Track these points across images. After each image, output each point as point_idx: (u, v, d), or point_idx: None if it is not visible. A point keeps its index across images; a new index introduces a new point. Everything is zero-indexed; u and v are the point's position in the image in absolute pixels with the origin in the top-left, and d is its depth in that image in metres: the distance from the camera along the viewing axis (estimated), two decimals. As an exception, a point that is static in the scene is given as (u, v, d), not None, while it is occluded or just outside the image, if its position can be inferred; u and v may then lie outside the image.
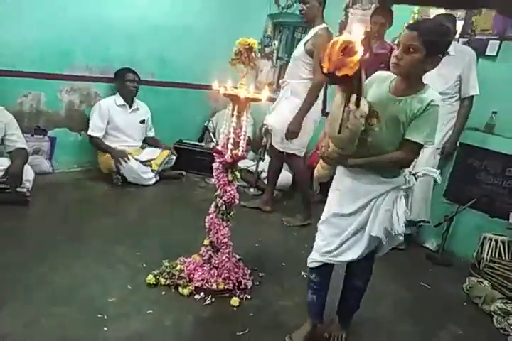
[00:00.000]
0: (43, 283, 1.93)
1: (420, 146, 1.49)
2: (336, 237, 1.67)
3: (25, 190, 2.66)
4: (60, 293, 1.88)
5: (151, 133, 3.70)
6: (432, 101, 1.43)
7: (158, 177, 3.47)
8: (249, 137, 3.75)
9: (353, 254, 1.65)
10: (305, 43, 2.82)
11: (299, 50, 2.85)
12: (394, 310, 2.21)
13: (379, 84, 1.53)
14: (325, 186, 3.59)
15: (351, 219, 1.63)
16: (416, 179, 1.62)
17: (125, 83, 3.37)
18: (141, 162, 3.34)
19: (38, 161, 3.17)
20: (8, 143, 2.73)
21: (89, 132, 3.31)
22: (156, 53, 3.67)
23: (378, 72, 1.62)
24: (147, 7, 3.46)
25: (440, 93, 2.64)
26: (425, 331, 2.07)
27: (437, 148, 2.84)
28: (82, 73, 3.30)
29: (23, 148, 2.76)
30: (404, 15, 3.59)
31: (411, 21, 4.83)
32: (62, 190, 3.02)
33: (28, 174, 2.69)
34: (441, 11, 3.02)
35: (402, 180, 1.58)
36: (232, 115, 1.95)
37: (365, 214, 1.59)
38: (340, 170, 1.68)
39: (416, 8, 4.59)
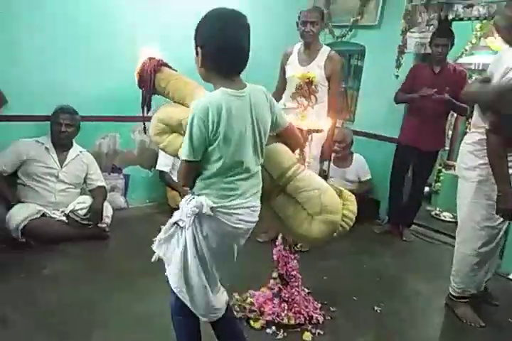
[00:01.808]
0: (124, 311, 2.04)
1: None
2: None
3: (105, 225, 2.86)
4: (139, 321, 1.97)
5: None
6: None
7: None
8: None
9: None
10: (324, 68, 2.79)
11: (317, 74, 2.65)
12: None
13: None
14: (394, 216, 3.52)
15: None
16: None
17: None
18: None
19: (114, 197, 3.41)
20: (89, 181, 2.98)
21: (158, 167, 3.49)
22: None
23: None
24: None
25: None
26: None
27: None
28: (152, 114, 3.55)
29: (103, 186, 3.00)
30: (465, 34, 3.54)
31: (473, 40, 4.75)
32: (137, 224, 3.20)
33: (108, 210, 2.90)
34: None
35: None
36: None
37: None
38: None
39: (477, 25, 4.51)
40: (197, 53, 1.31)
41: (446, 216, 4.15)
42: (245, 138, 1.30)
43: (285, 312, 2.05)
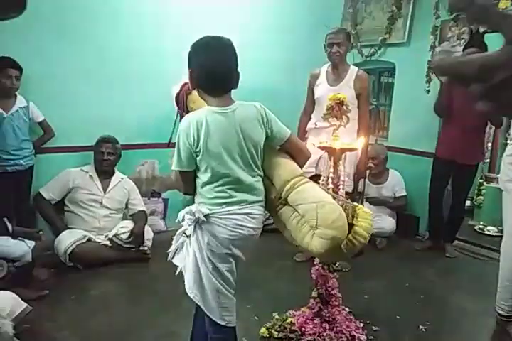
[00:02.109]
0: (168, 333, 2.09)
1: None
2: None
3: (146, 248, 2.96)
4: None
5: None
6: None
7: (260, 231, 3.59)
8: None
9: None
10: (353, 87, 2.85)
11: (347, 94, 2.62)
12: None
13: None
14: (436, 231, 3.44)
15: None
16: None
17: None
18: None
19: (154, 221, 3.52)
20: (130, 206, 3.11)
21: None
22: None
23: None
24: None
25: None
26: None
27: None
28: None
29: (143, 211, 3.12)
30: (498, 46, 3.47)
31: None
32: (176, 247, 3.29)
33: (148, 233, 3.01)
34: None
35: None
36: (330, 166, 2.02)
37: None
38: None
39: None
40: (189, 76, 1.47)
41: (491, 230, 3.99)
42: (230, 151, 1.42)
43: (326, 332, 2.03)
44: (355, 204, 1.58)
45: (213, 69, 1.42)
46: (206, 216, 1.41)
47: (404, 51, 3.79)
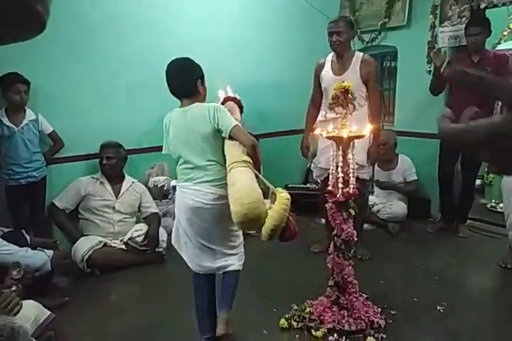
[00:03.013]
0: (192, 332, 2.13)
1: None
2: None
3: (161, 249, 3.01)
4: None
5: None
6: None
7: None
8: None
9: None
10: (360, 73, 2.79)
11: (354, 81, 2.71)
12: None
13: None
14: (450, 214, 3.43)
15: None
16: None
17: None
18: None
19: (167, 223, 3.56)
20: (143, 209, 3.15)
21: None
22: (255, 109, 3.99)
23: None
24: (246, 70, 3.82)
25: None
26: None
27: None
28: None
29: (156, 213, 3.16)
30: (502, 21, 3.41)
31: (511, 25, 4.59)
32: (191, 246, 3.33)
33: (163, 235, 3.05)
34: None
35: None
36: (338, 156, 2.04)
37: None
38: None
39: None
40: None
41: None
42: (181, 139, 1.87)
43: (345, 318, 2.06)
44: (278, 189, 1.66)
45: (169, 84, 1.92)
46: (174, 188, 1.89)
47: (404, 34, 3.77)
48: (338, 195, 2.02)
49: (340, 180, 2.03)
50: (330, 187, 2.09)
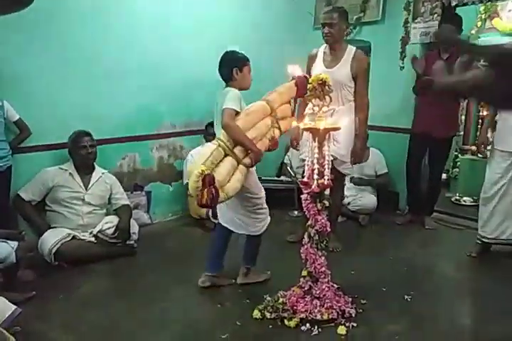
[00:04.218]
0: (162, 320, 2.12)
1: None
2: None
3: (132, 242, 2.95)
4: (176, 329, 2.06)
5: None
6: None
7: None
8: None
9: None
10: (350, 68, 2.77)
11: (344, 75, 2.78)
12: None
13: None
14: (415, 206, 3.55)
15: None
16: None
17: (207, 137, 3.67)
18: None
19: (138, 215, 3.50)
20: (114, 201, 3.08)
21: (186, 180, 3.55)
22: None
23: None
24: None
25: None
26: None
27: None
28: (168, 130, 3.68)
29: (127, 205, 3.10)
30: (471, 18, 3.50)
31: (478, 23, 4.75)
32: (163, 238, 3.29)
33: (134, 227, 2.99)
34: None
35: None
36: (314, 147, 2.06)
37: None
38: None
39: (481, 8, 4.51)
40: None
41: (467, 200, 4.15)
42: (215, 113, 2.32)
43: (318, 308, 2.10)
44: (205, 173, 1.93)
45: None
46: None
47: (379, 29, 3.83)
48: (313, 186, 2.05)
49: (316, 171, 2.05)
50: (305, 179, 2.11)
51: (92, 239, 2.87)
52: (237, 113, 2.16)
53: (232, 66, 2.27)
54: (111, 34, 3.17)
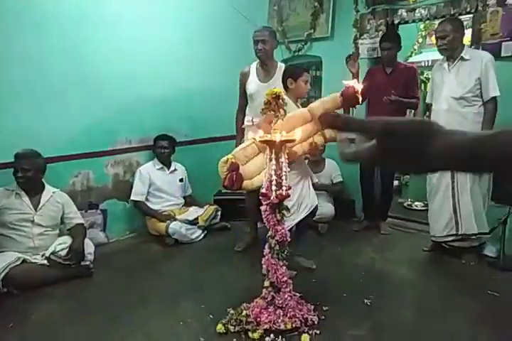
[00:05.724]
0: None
1: None
2: None
3: (88, 262, 2.84)
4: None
5: (189, 191, 3.91)
6: None
7: (205, 232, 3.61)
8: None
9: None
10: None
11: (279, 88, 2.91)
12: (469, 322, 2.16)
13: None
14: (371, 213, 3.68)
15: None
16: None
17: (157, 149, 3.65)
18: (189, 221, 3.51)
19: (94, 234, 3.37)
20: (67, 220, 2.96)
21: (132, 197, 3.54)
22: (185, 116, 3.96)
23: None
24: (176, 78, 3.78)
25: (461, 97, 2.80)
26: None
27: None
28: (123, 146, 3.60)
29: (81, 223, 2.98)
30: (413, 35, 3.72)
31: (419, 39, 5.06)
32: (120, 257, 3.19)
33: (89, 247, 2.88)
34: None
35: None
36: (271, 159, 2.09)
37: None
38: None
39: (421, 25, 4.81)
40: None
41: (418, 205, 4.34)
42: None
43: (281, 318, 2.10)
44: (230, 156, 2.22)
45: None
46: None
47: (328, 45, 4.00)
48: (271, 198, 2.07)
49: (274, 182, 2.08)
50: (264, 190, 2.13)
51: (45, 261, 2.73)
52: None
53: (286, 77, 2.58)
54: (59, 50, 3.09)
